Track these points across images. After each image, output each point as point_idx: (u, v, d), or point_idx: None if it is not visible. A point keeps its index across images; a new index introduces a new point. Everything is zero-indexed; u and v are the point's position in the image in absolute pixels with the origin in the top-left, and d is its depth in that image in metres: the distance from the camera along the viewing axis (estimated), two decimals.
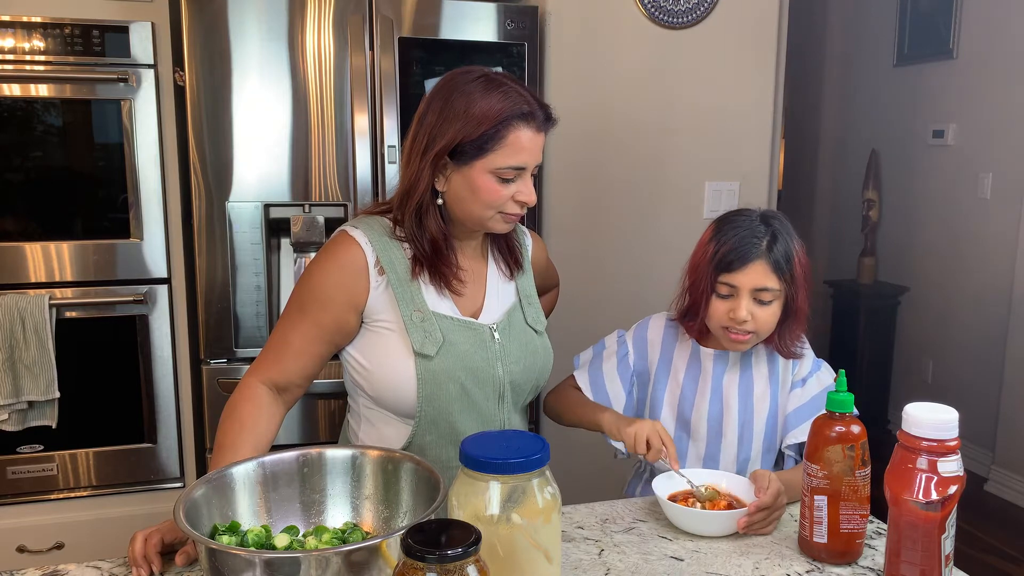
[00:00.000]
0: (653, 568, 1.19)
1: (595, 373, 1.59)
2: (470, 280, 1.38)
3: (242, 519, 1.09)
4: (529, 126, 1.26)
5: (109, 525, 2.36)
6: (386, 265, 1.31)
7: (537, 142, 1.29)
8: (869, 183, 4.43)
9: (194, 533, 0.94)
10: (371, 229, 1.33)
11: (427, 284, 1.33)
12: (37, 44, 2.17)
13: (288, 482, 1.14)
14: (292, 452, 1.15)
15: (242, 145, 2.19)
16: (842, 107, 4.84)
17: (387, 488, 1.14)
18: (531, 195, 1.30)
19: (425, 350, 1.29)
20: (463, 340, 1.33)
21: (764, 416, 1.50)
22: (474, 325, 1.35)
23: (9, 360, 2.19)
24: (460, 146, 1.25)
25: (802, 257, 1.44)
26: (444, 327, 1.32)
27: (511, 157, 1.26)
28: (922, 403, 1.10)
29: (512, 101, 1.26)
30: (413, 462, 1.12)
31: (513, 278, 1.44)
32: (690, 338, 1.54)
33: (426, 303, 1.32)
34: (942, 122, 4.00)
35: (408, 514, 1.11)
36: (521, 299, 1.44)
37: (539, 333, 1.45)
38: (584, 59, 2.52)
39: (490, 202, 1.28)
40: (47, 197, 2.23)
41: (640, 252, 2.65)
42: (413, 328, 1.30)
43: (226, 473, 1.09)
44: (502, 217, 1.31)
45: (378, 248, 1.31)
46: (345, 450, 1.16)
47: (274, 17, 2.17)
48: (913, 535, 1.08)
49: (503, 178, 1.27)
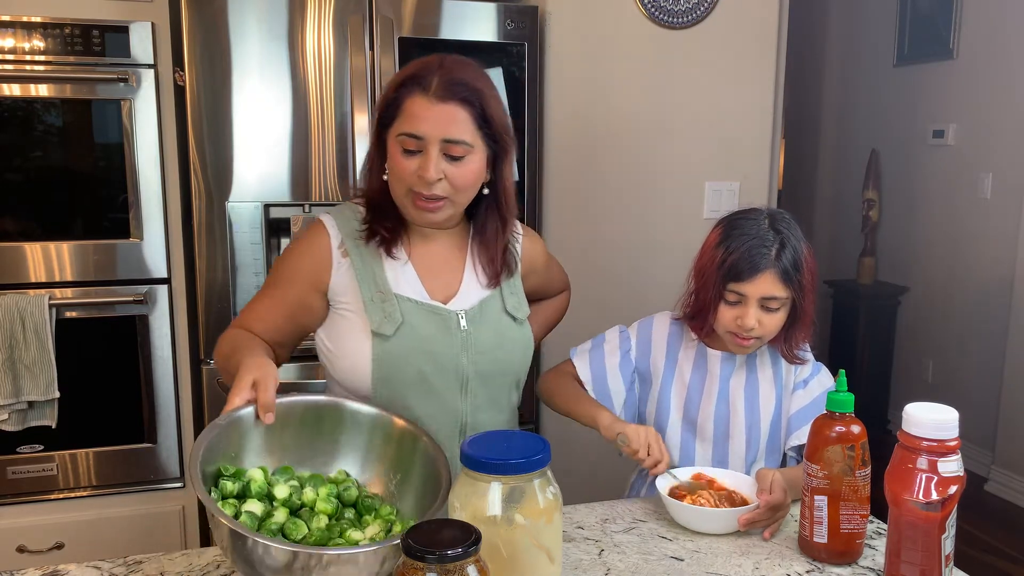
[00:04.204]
0: (653, 568, 1.19)
1: (597, 366, 1.57)
2: (446, 267, 1.37)
3: (250, 452, 1.12)
4: (424, 94, 1.23)
5: (109, 525, 2.36)
6: (350, 247, 1.32)
7: (437, 113, 1.23)
8: (869, 183, 4.43)
9: (211, 501, 0.96)
10: (341, 214, 1.36)
11: (393, 266, 1.33)
12: (37, 44, 2.17)
13: (303, 424, 1.18)
14: (317, 396, 1.22)
15: (242, 145, 2.19)
16: (842, 107, 4.84)
17: (400, 458, 1.19)
18: (427, 169, 1.23)
19: (382, 330, 1.28)
20: (425, 324, 1.31)
21: (769, 418, 1.50)
22: (440, 310, 1.33)
23: (9, 360, 2.18)
24: (381, 113, 1.29)
25: (810, 262, 1.44)
26: (406, 309, 1.31)
27: (406, 124, 1.24)
28: (922, 403, 1.10)
29: (413, 69, 1.26)
30: (432, 448, 1.17)
31: (497, 285, 1.40)
32: (696, 339, 1.54)
33: (389, 284, 1.32)
34: (942, 122, 4.00)
35: (413, 491, 1.15)
36: (503, 287, 1.41)
37: (518, 321, 1.41)
38: (584, 59, 2.52)
39: (397, 174, 1.27)
40: (47, 197, 2.23)
41: (640, 252, 2.65)
42: (373, 308, 1.30)
43: (246, 412, 1.11)
44: (413, 199, 1.27)
45: (344, 231, 1.33)
46: (371, 408, 1.22)
47: (274, 17, 2.17)
48: (913, 535, 1.08)
49: (406, 148, 1.25)
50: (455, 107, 1.24)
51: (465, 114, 1.25)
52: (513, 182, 1.37)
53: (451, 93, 1.23)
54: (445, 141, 1.24)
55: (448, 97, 1.23)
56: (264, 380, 1.12)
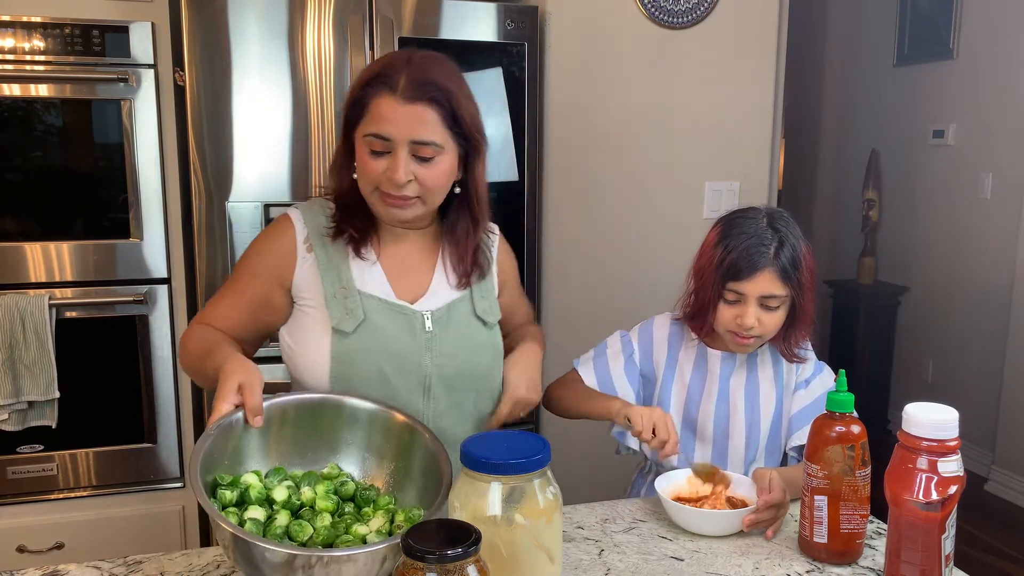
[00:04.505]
0: (653, 568, 1.19)
1: (602, 372, 1.56)
2: (416, 267, 1.34)
3: (249, 456, 1.12)
4: (392, 94, 1.19)
5: (109, 525, 2.36)
6: (316, 242, 1.29)
7: (404, 114, 1.19)
8: (869, 183, 4.43)
9: (215, 511, 0.96)
10: (310, 209, 1.33)
11: (361, 265, 1.30)
12: (37, 44, 2.17)
13: (300, 422, 1.17)
14: (313, 394, 1.21)
15: (242, 145, 2.19)
16: (842, 107, 4.84)
17: (399, 453, 1.19)
18: (395, 171, 1.20)
19: (343, 326, 1.25)
20: (388, 323, 1.28)
21: (769, 418, 1.50)
22: (404, 309, 1.30)
23: (9, 360, 2.18)
24: (348, 112, 1.25)
25: (809, 260, 1.44)
26: (369, 306, 1.28)
27: (373, 124, 1.21)
28: (922, 403, 1.10)
29: (380, 67, 1.22)
30: (433, 443, 1.16)
31: (467, 286, 1.36)
32: (696, 339, 1.53)
33: (353, 281, 1.29)
34: (942, 122, 4.00)
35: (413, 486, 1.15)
36: (473, 291, 1.37)
37: (488, 326, 1.36)
38: (584, 59, 2.51)
39: (364, 174, 1.24)
40: (47, 197, 2.23)
41: (640, 252, 2.65)
42: (335, 304, 1.27)
43: (236, 417, 1.10)
44: (380, 197, 1.24)
45: (311, 226, 1.30)
46: (370, 404, 1.21)
47: (274, 17, 2.17)
48: (913, 535, 1.08)
49: (373, 149, 1.21)
50: (423, 108, 1.20)
51: (434, 114, 1.21)
52: (486, 181, 1.33)
53: (419, 93, 1.19)
54: (414, 143, 1.20)
55: (416, 97, 1.19)
56: (250, 383, 1.10)
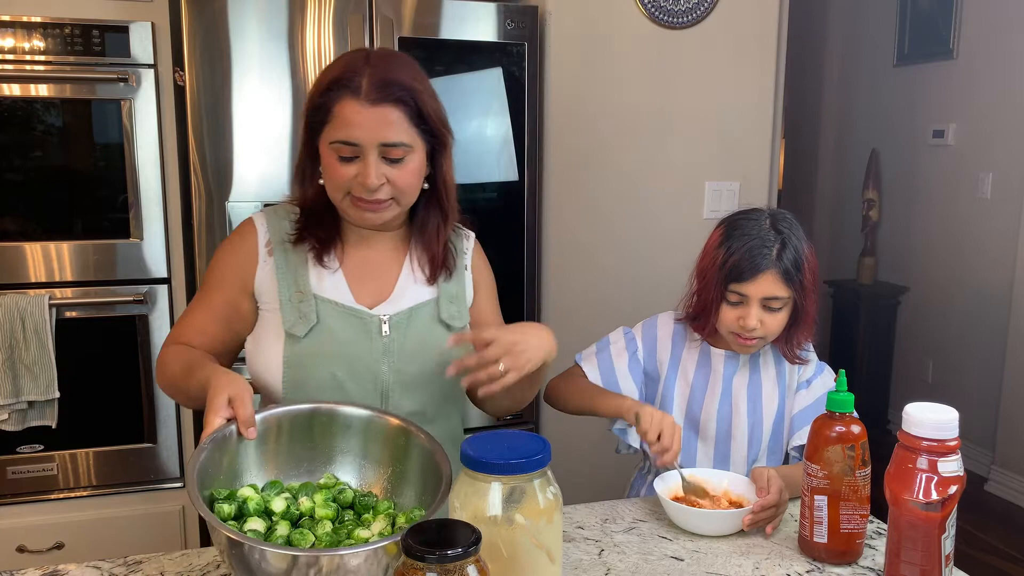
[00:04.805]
0: (653, 568, 1.19)
1: (607, 369, 1.55)
2: (380, 272, 1.31)
3: (246, 471, 1.11)
4: (355, 97, 1.17)
5: (109, 525, 2.36)
6: (276, 246, 1.28)
7: (370, 117, 1.17)
8: (869, 183, 4.43)
9: (213, 518, 0.95)
10: (275, 213, 1.32)
11: (321, 272, 1.28)
12: (37, 44, 2.17)
13: (294, 434, 1.16)
14: (304, 405, 1.18)
15: (242, 145, 2.19)
16: (842, 107, 4.84)
17: (395, 457, 1.17)
18: (367, 177, 1.17)
19: (295, 330, 1.24)
20: (343, 327, 1.26)
21: (772, 417, 1.51)
22: (360, 313, 1.27)
23: (9, 360, 2.18)
24: (309, 119, 1.22)
25: (811, 261, 1.44)
26: (324, 311, 1.26)
27: (338, 130, 1.18)
28: (922, 403, 1.10)
29: (339, 70, 1.19)
30: (428, 443, 1.15)
31: (435, 282, 1.33)
32: (700, 338, 1.53)
33: (311, 285, 1.26)
34: (942, 122, 4.00)
35: (413, 487, 1.14)
36: (440, 296, 1.33)
37: (454, 330, 1.32)
38: (584, 59, 2.52)
39: (333, 181, 1.21)
40: (47, 197, 2.23)
41: (640, 252, 2.65)
42: (289, 308, 1.25)
43: (229, 431, 1.09)
44: (351, 202, 1.22)
45: (272, 229, 1.29)
46: (362, 410, 1.19)
47: (274, 17, 2.17)
48: (913, 535, 1.08)
49: (341, 155, 1.19)
50: (389, 108, 1.17)
51: (400, 114, 1.18)
52: (453, 175, 1.31)
53: (384, 94, 1.17)
54: (383, 145, 1.18)
55: (381, 99, 1.17)
56: (240, 395, 1.09)
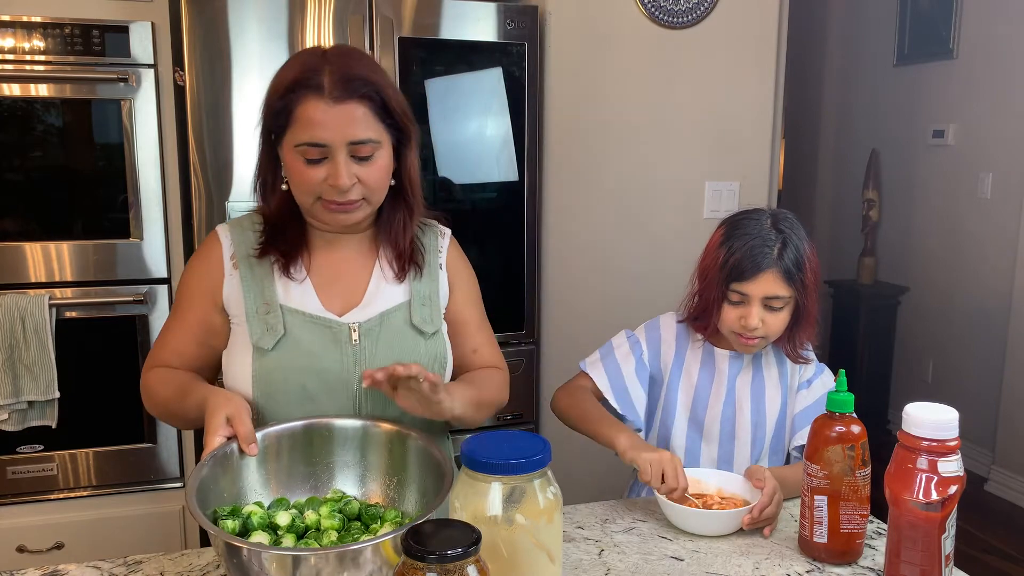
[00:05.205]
0: (653, 568, 1.19)
1: (614, 375, 1.53)
2: (349, 277, 1.27)
3: (250, 490, 1.10)
4: (319, 96, 1.13)
5: (109, 525, 2.36)
6: (241, 259, 1.25)
7: (336, 115, 1.13)
8: (869, 183, 4.43)
9: (213, 527, 0.95)
10: (239, 224, 1.28)
11: (287, 283, 1.25)
12: (37, 44, 2.17)
13: (293, 451, 1.15)
14: (300, 422, 1.17)
15: (242, 145, 2.19)
16: (842, 107, 4.84)
17: (394, 463, 1.17)
18: (338, 177, 1.14)
19: (262, 343, 1.20)
20: (311, 338, 1.22)
21: (774, 418, 1.51)
22: (330, 322, 1.23)
23: (9, 360, 2.18)
24: (269, 124, 1.19)
25: (812, 261, 1.43)
26: (291, 321, 1.22)
27: (304, 132, 1.14)
28: (922, 403, 1.10)
29: (297, 71, 1.15)
30: (423, 440, 1.15)
31: (404, 280, 1.29)
32: (703, 339, 1.53)
33: (277, 296, 1.23)
34: (942, 122, 4.00)
35: (415, 490, 1.13)
36: (412, 299, 1.29)
37: (427, 336, 1.28)
38: (584, 59, 2.51)
39: (302, 186, 1.17)
40: (47, 197, 2.23)
41: (640, 252, 2.65)
42: (255, 321, 1.22)
43: (231, 449, 1.09)
44: (322, 205, 1.18)
45: (237, 241, 1.26)
46: (355, 421, 1.19)
47: (274, 17, 2.17)
48: (913, 535, 1.08)
49: (308, 158, 1.15)
50: (355, 105, 1.14)
51: (366, 110, 1.15)
52: (418, 168, 1.28)
53: (349, 91, 1.14)
54: (351, 143, 1.15)
55: (346, 96, 1.13)
56: (238, 413, 1.08)
